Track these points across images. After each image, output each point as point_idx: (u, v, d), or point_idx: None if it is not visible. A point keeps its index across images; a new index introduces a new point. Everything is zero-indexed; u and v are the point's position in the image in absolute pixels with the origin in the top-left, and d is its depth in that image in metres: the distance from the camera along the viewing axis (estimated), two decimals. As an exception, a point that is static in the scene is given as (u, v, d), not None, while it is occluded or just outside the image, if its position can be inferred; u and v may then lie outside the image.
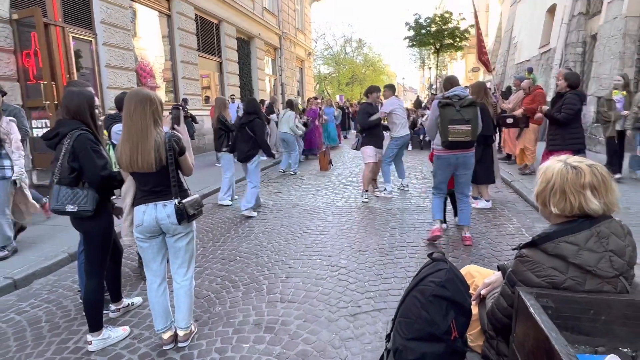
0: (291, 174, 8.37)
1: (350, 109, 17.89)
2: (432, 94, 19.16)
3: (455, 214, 4.57)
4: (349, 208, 5.66)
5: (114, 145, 3.21)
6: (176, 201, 2.34)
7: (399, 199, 6.06)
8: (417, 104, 15.03)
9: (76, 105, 2.47)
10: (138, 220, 2.35)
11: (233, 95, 11.59)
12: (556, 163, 1.33)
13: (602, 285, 1.28)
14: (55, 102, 6.46)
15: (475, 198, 5.35)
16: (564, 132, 4.57)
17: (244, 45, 15.27)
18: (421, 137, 12.24)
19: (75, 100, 2.48)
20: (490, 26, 21.49)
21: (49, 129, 3.90)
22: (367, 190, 6.13)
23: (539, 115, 5.62)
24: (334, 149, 11.93)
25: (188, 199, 2.40)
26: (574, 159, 1.32)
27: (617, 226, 1.28)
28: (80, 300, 3.02)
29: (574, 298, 1.29)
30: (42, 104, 6.29)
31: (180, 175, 2.45)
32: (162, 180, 2.33)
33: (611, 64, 8.68)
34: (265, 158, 6.96)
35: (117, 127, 3.40)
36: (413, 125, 12.69)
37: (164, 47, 10.59)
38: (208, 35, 12.56)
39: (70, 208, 2.37)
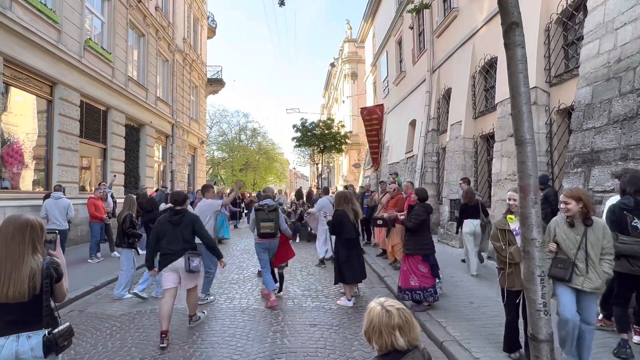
0: None
1: (243, 199, 18.17)
2: (317, 187, 20.67)
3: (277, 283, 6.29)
4: (233, 310, 5.63)
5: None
6: (46, 332, 2.21)
7: (283, 297, 6.23)
8: (308, 196, 15.85)
9: None
10: None
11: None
12: (377, 306, 1.74)
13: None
14: None
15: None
16: (415, 238, 5.41)
17: (133, 132, 15.00)
18: (309, 229, 12.90)
19: None
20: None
21: None
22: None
23: (400, 217, 6.59)
24: (221, 243, 11.74)
25: (59, 328, 2.28)
26: (389, 303, 1.74)
27: (419, 356, 1.70)
28: None
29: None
30: None
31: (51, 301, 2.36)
32: (31, 309, 2.20)
33: (456, 173, 10.65)
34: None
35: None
36: (300, 218, 13.41)
37: (40, 131, 9.91)
38: (93, 122, 12.15)
39: None
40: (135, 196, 7.14)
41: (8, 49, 8.34)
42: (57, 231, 2.60)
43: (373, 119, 18.63)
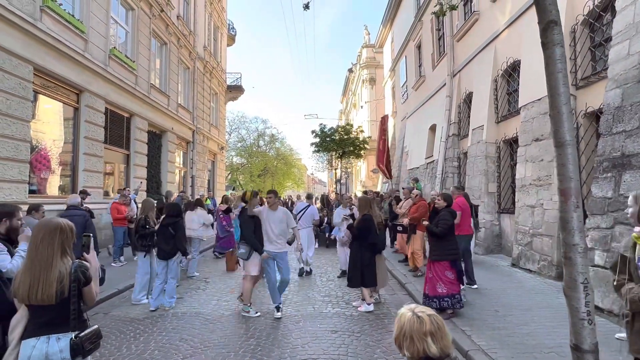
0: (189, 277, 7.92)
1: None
2: (336, 193, 20.65)
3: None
4: (256, 316, 5.62)
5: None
6: (72, 335, 2.25)
7: (303, 303, 6.21)
8: (327, 202, 15.81)
9: None
10: (24, 356, 2.19)
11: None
12: (407, 312, 1.69)
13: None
14: None
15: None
16: (442, 244, 5.30)
17: (156, 138, 15.29)
18: (327, 234, 12.85)
19: None
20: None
21: None
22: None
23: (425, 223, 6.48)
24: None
25: (86, 331, 2.32)
26: (420, 309, 1.69)
27: (444, 363, 1.64)
28: None
29: None
30: None
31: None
32: (60, 312, 2.25)
33: (479, 178, 10.45)
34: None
35: None
36: (320, 223, 13.36)
37: (67, 138, 10.20)
38: (117, 128, 12.43)
39: None
40: (156, 201, 7.25)
41: (38, 59, 8.63)
42: (91, 234, 2.64)
43: (383, 129, 18.79)
